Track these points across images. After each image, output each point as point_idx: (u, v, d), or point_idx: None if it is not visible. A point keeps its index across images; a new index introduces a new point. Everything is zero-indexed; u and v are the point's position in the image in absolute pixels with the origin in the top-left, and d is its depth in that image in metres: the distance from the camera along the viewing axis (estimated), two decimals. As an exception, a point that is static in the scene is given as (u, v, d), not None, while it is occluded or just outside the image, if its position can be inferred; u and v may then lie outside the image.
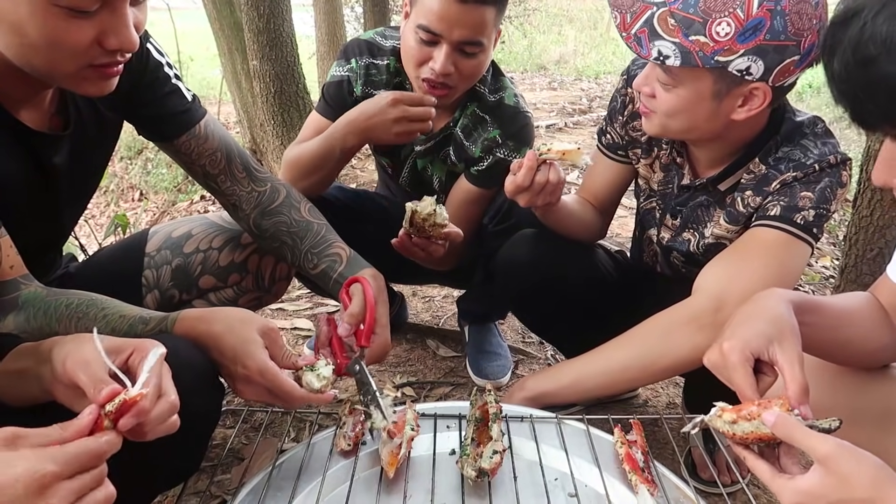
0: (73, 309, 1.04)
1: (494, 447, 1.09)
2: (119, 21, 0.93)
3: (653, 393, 1.95)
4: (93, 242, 2.99)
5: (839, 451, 0.74)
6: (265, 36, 3.04)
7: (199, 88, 7.35)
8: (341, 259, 1.34)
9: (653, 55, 1.13)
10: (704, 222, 1.40)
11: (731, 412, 0.85)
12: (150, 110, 1.26)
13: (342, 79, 1.71)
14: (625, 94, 1.48)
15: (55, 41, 0.90)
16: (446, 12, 1.42)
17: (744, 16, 1.08)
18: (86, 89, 1.00)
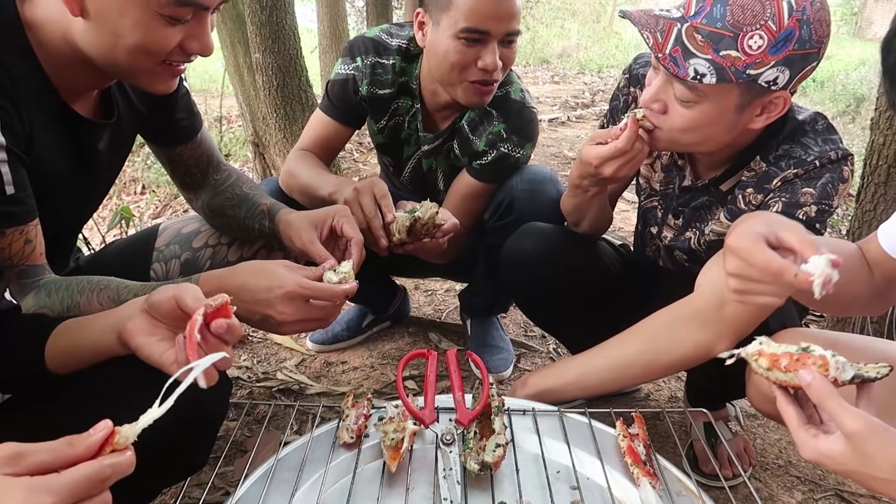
0: (94, 283, 1.07)
1: (497, 440, 1.10)
2: (202, 29, 1.04)
3: (654, 387, 1.95)
4: (96, 235, 2.99)
5: (866, 431, 0.74)
6: (268, 29, 3.03)
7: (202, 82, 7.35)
8: (265, 213, 1.40)
9: (690, 74, 1.10)
10: (707, 221, 1.40)
11: (767, 358, 0.82)
12: (168, 119, 1.34)
13: (347, 77, 1.69)
14: (627, 94, 1.47)
15: (149, 45, 1.00)
16: (493, 9, 1.44)
17: (776, 27, 1.06)
18: (156, 86, 1.09)
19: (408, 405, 1.14)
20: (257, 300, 1.05)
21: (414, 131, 1.75)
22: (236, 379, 1.92)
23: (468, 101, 1.59)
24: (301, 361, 2.04)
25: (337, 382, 1.93)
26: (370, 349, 2.10)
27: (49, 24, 1.01)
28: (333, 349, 2.08)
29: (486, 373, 1.23)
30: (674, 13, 1.15)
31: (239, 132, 5.26)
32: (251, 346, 2.12)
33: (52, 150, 1.09)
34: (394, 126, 1.76)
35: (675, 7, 1.17)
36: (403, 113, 1.74)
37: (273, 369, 1.98)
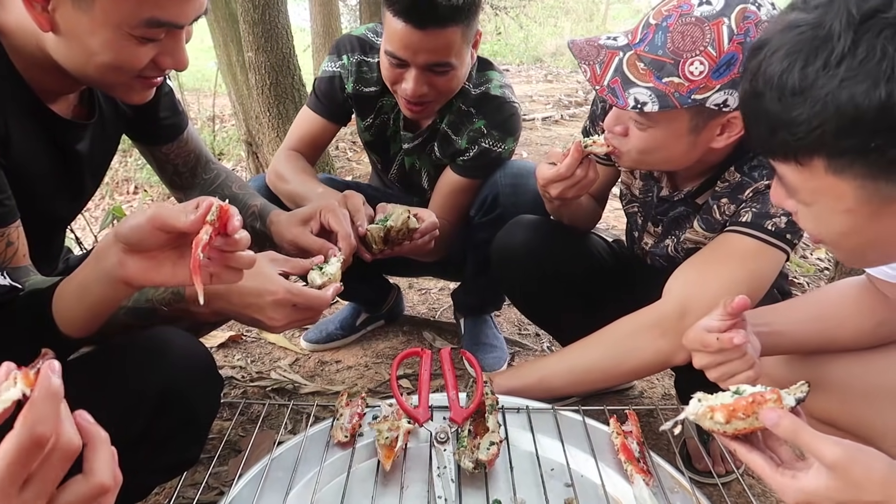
0: None
1: (491, 438, 1.10)
2: (176, 45, 1.03)
3: (648, 384, 1.96)
4: (88, 235, 2.98)
5: (847, 456, 0.73)
6: (260, 27, 3.02)
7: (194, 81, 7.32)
8: (256, 215, 1.42)
9: (630, 104, 1.10)
10: (685, 228, 1.40)
11: (722, 412, 0.82)
12: (152, 118, 1.34)
13: (333, 75, 1.71)
14: (604, 101, 1.46)
15: (120, 64, 0.99)
16: (408, 40, 1.43)
17: (716, 53, 1.06)
18: (130, 97, 1.09)
19: (402, 404, 1.14)
20: (247, 304, 1.05)
21: (398, 129, 1.76)
22: (230, 379, 1.91)
23: (405, 113, 1.63)
24: (295, 361, 2.04)
25: (331, 381, 1.93)
26: (364, 348, 2.10)
27: (22, 31, 1.01)
28: (327, 348, 2.08)
29: (479, 371, 1.23)
30: (620, 41, 1.15)
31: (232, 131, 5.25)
32: (245, 345, 2.12)
33: (31, 151, 1.08)
34: (380, 124, 1.77)
35: (622, 34, 1.17)
36: (388, 111, 1.75)
37: (267, 369, 1.98)
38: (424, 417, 1.14)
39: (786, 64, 0.70)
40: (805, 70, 0.68)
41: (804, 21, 0.71)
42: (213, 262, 0.81)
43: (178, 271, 0.82)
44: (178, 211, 0.79)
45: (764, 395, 0.81)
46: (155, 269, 0.82)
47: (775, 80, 0.71)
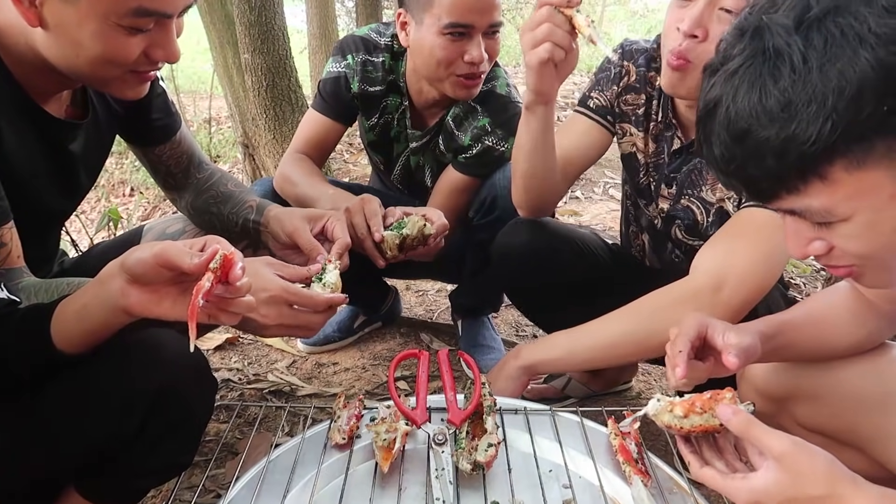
0: (74, 283, 1.06)
1: (489, 440, 1.09)
2: (167, 37, 1.02)
3: (646, 385, 1.96)
4: (84, 238, 2.97)
5: (794, 448, 0.76)
6: (257, 29, 3.02)
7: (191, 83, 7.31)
8: (252, 208, 1.40)
9: None
10: (699, 185, 1.39)
11: (682, 406, 0.88)
12: (144, 120, 1.33)
13: (339, 75, 1.71)
14: (620, 66, 1.47)
15: (110, 56, 0.98)
16: (475, 2, 1.46)
17: None
18: (123, 93, 1.09)
19: (399, 405, 1.14)
20: None
21: (403, 129, 1.76)
22: (227, 381, 1.91)
23: (456, 95, 1.60)
24: (292, 363, 2.03)
25: (328, 384, 1.92)
26: (361, 350, 2.09)
27: (11, 30, 1.00)
28: (325, 350, 2.08)
29: (477, 372, 1.22)
30: None
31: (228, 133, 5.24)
32: (242, 347, 2.11)
33: (24, 151, 1.07)
34: (384, 124, 1.77)
35: None
36: (393, 111, 1.75)
37: (264, 371, 1.97)
38: (422, 419, 1.13)
39: (756, 92, 0.69)
40: (779, 85, 0.67)
41: (744, 59, 0.70)
42: (212, 305, 0.83)
43: (178, 307, 0.84)
44: (183, 251, 0.81)
45: (722, 393, 0.87)
46: (156, 302, 0.84)
47: (757, 109, 0.69)
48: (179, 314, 0.84)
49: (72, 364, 0.89)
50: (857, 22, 0.64)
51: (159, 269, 0.81)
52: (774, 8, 0.69)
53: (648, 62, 1.44)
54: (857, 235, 0.74)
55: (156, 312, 0.84)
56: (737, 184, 0.77)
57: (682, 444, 0.92)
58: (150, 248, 0.81)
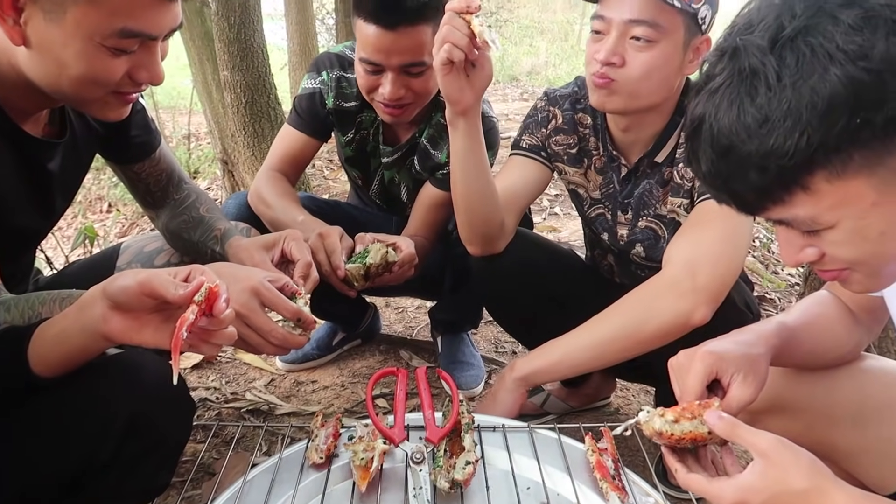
0: (54, 295, 1.05)
1: (467, 458, 1.09)
2: (151, 59, 1.02)
3: (624, 401, 1.97)
4: (59, 255, 2.93)
5: (778, 445, 0.80)
6: (236, 46, 3.02)
7: (170, 98, 7.27)
8: (217, 238, 1.40)
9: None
10: (652, 204, 1.45)
11: (673, 412, 0.91)
12: (123, 137, 1.33)
13: (314, 91, 1.72)
14: (546, 111, 1.53)
15: (94, 76, 0.98)
16: (380, 43, 1.45)
17: None
18: (105, 114, 1.08)
19: (377, 424, 1.14)
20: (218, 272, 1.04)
21: (378, 144, 1.77)
22: (204, 400, 1.89)
23: (384, 119, 1.64)
24: (270, 381, 2.02)
25: (307, 402, 1.91)
26: (340, 368, 2.09)
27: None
28: (303, 368, 2.07)
29: (455, 390, 1.23)
30: None
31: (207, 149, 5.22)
32: (219, 366, 2.09)
33: (7, 169, 1.07)
34: (360, 139, 1.79)
35: None
36: (368, 126, 1.76)
37: (242, 389, 1.96)
38: (400, 437, 1.13)
39: (735, 109, 0.72)
40: (756, 102, 0.70)
41: (724, 78, 0.73)
42: (194, 336, 0.83)
43: (159, 335, 0.84)
44: (168, 281, 0.81)
45: (710, 401, 0.91)
46: (137, 329, 0.84)
47: (737, 126, 0.71)
48: (160, 342, 0.84)
49: (46, 387, 0.88)
50: (825, 40, 0.67)
51: (143, 298, 0.81)
52: (750, 30, 0.72)
53: (573, 104, 1.52)
54: (844, 242, 0.76)
55: (136, 340, 0.84)
56: (726, 197, 0.79)
57: (668, 454, 0.95)
58: (134, 276, 0.81)
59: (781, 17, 0.70)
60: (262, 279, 1.08)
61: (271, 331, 1.08)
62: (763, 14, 0.72)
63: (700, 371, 0.96)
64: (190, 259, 1.47)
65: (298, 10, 5.47)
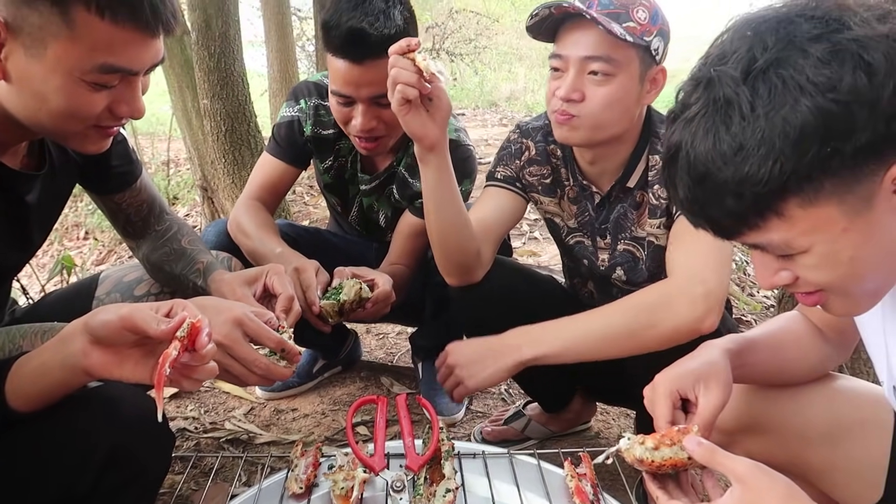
0: (35, 328, 1.04)
1: (447, 485, 1.10)
2: (132, 93, 1.02)
3: (605, 425, 1.98)
4: (35, 283, 2.90)
5: (755, 470, 0.81)
6: (216, 75, 3.04)
7: (149, 125, 7.26)
8: (199, 272, 1.40)
9: (618, 32, 1.25)
10: (629, 227, 1.49)
11: (653, 439, 0.92)
12: (104, 167, 1.32)
13: (292, 119, 1.74)
14: (520, 143, 1.57)
15: (74, 110, 0.98)
16: (349, 76, 1.48)
17: (649, 4, 1.32)
18: (86, 147, 1.08)
19: (357, 453, 1.14)
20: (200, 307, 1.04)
21: (356, 171, 1.79)
22: (182, 430, 1.87)
23: (359, 150, 1.66)
24: (250, 410, 2.00)
25: (287, 430, 1.90)
26: (321, 395, 2.08)
27: None
28: (283, 396, 2.05)
29: (435, 417, 1.23)
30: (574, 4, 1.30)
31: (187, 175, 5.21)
32: (198, 395, 2.07)
33: None
34: (338, 166, 1.81)
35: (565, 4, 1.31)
36: (346, 153, 1.79)
37: (221, 419, 1.94)
38: (380, 466, 1.13)
39: (711, 138, 0.74)
40: (731, 130, 0.72)
41: (699, 107, 0.76)
42: (175, 372, 0.83)
43: (140, 370, 0.84)
44: (150, 316, 0.81)
45: (689, 427, 0.92)
46: (117, 364, 0.84)
47: (713, 153, 0.74)
48: (141, 376, 0.84)
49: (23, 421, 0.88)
50: (796, 73, 0.70)
51: (124, 333, 0.81)
52: (724, 60, 0.75)
53: (546, 136, 1.54)
54: (816, 266, 0.79)
55: (117, 374, 0.84)
56: (702, 222, 0.81)
57: (649, 481, 0.95)
58: (115, 311, 0.81)
59: (753, 49, 0.73)
60: (245, 310, 1.08)
61: (255, 361, 1.08)
62: (735, 46, 0.75)
63: (662, 395, 0.98)
64: (171, 291, 1.46)
65: (279, 37, 5.53)
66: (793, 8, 0.74)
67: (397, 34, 1.44)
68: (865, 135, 0.69)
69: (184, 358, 0.83)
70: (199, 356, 0.84)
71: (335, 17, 1.45)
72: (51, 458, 0.92)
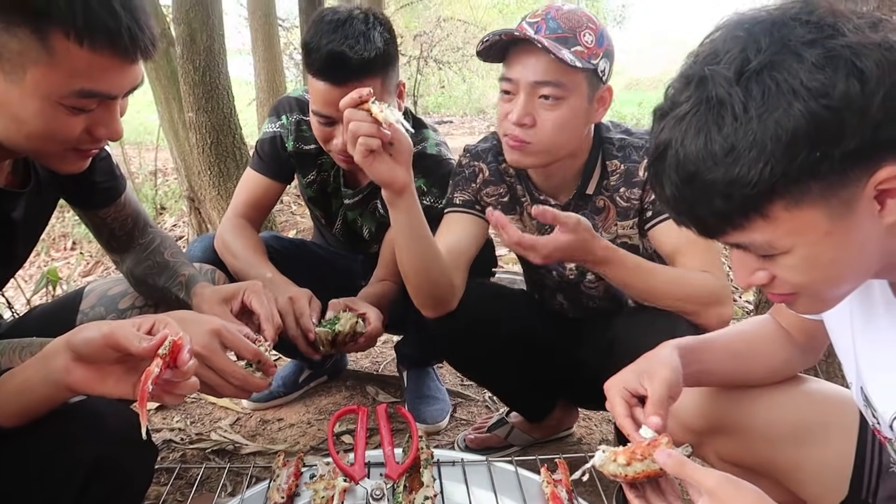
0: (14, 343, 1.05)
1: (426, 493, 1.12)
2: (110, 116, 1.03)
3: (587, 430, 2.01)
4: (20, 296, 2.90)
5: (724, 483, 0.82)
6: (201, 88, 3.06)
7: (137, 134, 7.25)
8: (182, 285, 1.42)
9: (568, 58, 1.28)
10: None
11: (624, 454, 0.93)
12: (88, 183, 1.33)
13: (275, 135, 1.76)
14: (472, 166, 1.58)
15: (52, 133, 0.99)
16: (330, 97, 1.48)
17: (594, 26, 1.36)
18: (64, 168, 1.09)
19: (338, 462, 1.16)
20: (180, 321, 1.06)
21: (339, 185, 1.81)
22: (168, 442, 1.88)
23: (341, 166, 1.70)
24: (236, 420, 2.02)
25: (273, 440, 1.92)
26: (307, 405, 2.10)
27: None
28: (269, 406, 2.07)
29: (414, 426, 1.26)
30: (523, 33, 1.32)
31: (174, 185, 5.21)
32: (184, 406, 2.09)
33: None
34: (321, 180, 1.83)
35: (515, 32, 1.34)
36: (328, 168, 1.81)
37: (207, 430, 1.96)
38: (360, 475, 1.16)
39: (702, 137, 0.75)
40: (723, 131, 0.73)
41: (690, 106, 0.76)
42: (158, 387, 0.85)
43: (121, 386, 0.87)
44: (132, 334, 0.84)
45: (658, 440, 0.92)
46: (99, 380, 0.86)
47: (703, 153, 0.75)
48: (123, 392, 0.86)
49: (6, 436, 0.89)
50: (790, 76, 0.71)
51: (106, 350, 0.84)
52: (716, 60, 0.76)
53: (496, 156, 1.55)
54: (796, 267, 0.81)
55: (99, 390, 0.86)
56: (687, 220, 0.83)
57: (627, 490, 0.97)
58: (98, 329, 0.84)
59: (747, 49, 0.74)
60: (224, 322, 1.11)
61: (232, 371, 1.11)
62: (728, 46, 0.76)
63: (614, 397, 1.02)
64: (154, 303, 1.48)
65: (265, 47, 5.54)
66: (787, 11, 0.75)
67: (377, 57, 1.47)
68: (854, 141, 0.71)
69: (166, 374, 0.85)
70: (181, 373, 0.86)
71: (315, 39, 1.47)
72: (34, 471, 0.94)
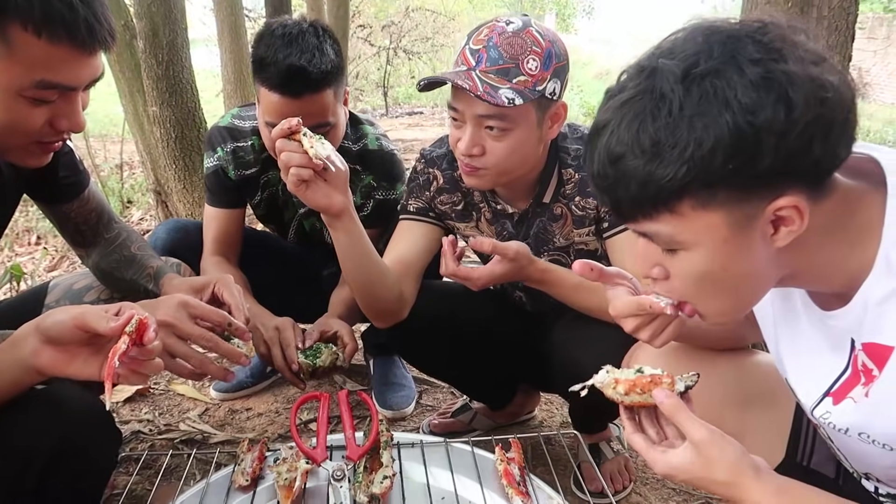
0: None
1: (384, 472, 1.18)
2: (72, 108, 1.04)
3: (548, 414, 2.07)
4: (-16, 292, 2.88)
5: (710, 437, 0.87)
6: (164, 83, 3.05)
7: (102, 125, 7.14)
8: (150, 276, 1.45)
9: (505, 102, 1.25)
10: (550, 239, 1.52)
11: (624, 384, 0.94)
12: (51, 178, 1.35)
13: (216, 168, 1.79)
14: (427, 174, 1.58)
15: (12, 125, 1.00)
16: (286, 109, 1.48)
17: (540, 49, 1.30)
18: (27, 162, 1.10)
19: (300, 445, 1.21)
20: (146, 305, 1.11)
21: (289, 196, 1.83)
22: (137, 433, 1.90)
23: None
24: (205, 411, 2.04)
25: (241, 430, 1.95)
26: (275, 394, 2.13)
27: None
28: (238, 396, 2.10)
29: (375, 410, 1.31)
30: (461, 68, 1.32)
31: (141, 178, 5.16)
32: (153, 398, 2.11)
33: None
34: (268, 197, 1.86)
35: (456, 65, 1.35)
36: (275, 183, 1.83)
37: (176, 421, 1.98)
38: (322, 457, 1.20)
39: (636, 125, 0.79)
40: (655, 124, 0.78)
41: (635, 93, 0.81)
42: (124, 366, 0.89)
43: (89, 367, 0.90)
44: (101, 315, 0.88)
45: (661, 377, 0.93)
46: (67, 361, 0.90)
47: (632, 141, 0.79)
48: (90, 373, 0.90)
49: None
50: (728, 87, 0.76)
51: (76, 332, 0.87)
52: (672, 55, 0.80)
53: (451, 164, 1.54)
54: (693, 265, 0.86)
55: (67, 372, 0.90)
56: (606, 200, 0.88)
57: (623, 410, 0.98)
58: (67, 312, 0.88)
59: (700, 53, 0.78)
60: (189, 297, 1.15)
61: (201, 335, 1.15)
62: (685, 46, 0.80)
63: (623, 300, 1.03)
64: (121, 297, 1.50)
65: (232, 38, 5.48)
66: (746, 27, 0.80)
67: (332, 69, 1.50)
68: (767, 162, 0.75)
69: (132, 352, 0.89)
70: (147, 351, 0.90)
71: (271, 53, 1.47)
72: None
